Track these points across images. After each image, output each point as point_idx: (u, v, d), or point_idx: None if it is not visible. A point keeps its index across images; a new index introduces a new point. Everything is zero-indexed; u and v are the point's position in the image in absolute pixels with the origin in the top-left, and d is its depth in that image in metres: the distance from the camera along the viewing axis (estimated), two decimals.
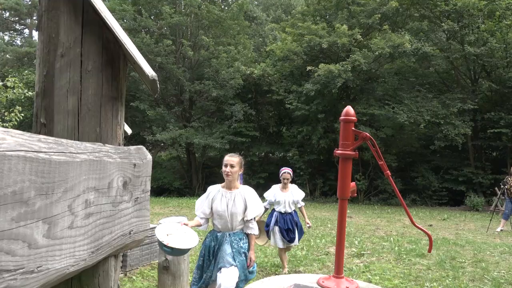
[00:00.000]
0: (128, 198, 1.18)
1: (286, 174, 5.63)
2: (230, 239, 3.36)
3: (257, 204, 3.45)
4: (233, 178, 3.40)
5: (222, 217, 3.36)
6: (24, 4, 27.18)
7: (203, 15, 18.58)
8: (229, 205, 3.37)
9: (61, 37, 1.06)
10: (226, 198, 3.39)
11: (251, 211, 3.39)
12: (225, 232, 3.40)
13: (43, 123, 1.08)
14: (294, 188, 5.70)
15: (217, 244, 3.40)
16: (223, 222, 3.38)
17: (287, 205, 5.56)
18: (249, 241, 3.45)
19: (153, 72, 1.12)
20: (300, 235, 5.70)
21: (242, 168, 3.54)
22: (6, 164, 0.63)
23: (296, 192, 5.68)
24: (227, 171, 3.37)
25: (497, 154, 18.84)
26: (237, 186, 3.47)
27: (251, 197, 3.45)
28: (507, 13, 15.55)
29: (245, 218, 3.40)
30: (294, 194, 5.63)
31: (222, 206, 3.37)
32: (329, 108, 17.11)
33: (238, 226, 3.41)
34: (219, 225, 3.43)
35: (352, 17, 17.61)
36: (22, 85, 8.49)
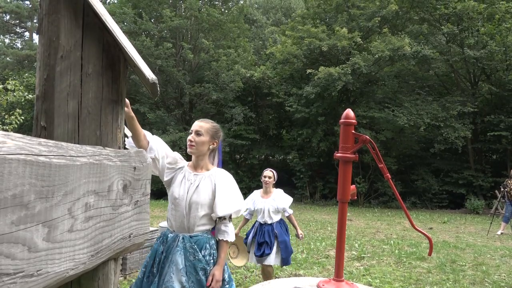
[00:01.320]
0: (128, 201, 1.18)
1: (267, 178, 4.60)
2: (184, 245, 2.24)
3: (233, 196, 2.33)
4: (198, 152, 2.36)
5: (178, 207, 2.29)
6: (25, 7, 27.25)
7: (203, 18, 18.62)
8: (189, 191, 2.29)
9: (61, 41, 1.06)
10: (188, 181, 2.32)
11: (223, 204, 2.27)
12: (179, 233, 2.29)
13: (43, 126, 1.08)
14: (277, 194, 4.64)
15: (165, 250, 2.28)
16: (178, 216, 2.28)
17: (267, 214, 4.52)
18: (219, 251, 2.31)
19: (153, 75, 1.13)
20: (285, 254, 4.46)
21: (218, 141, 2.45)
22: (6, 168, 0.63)
23: (280, 198, 4.59)
24: (189, 140, 2.36)
25: (497, 157, 18.85)
26: (207, 167, 2.40)
27: (226, 184, 2.33)
28: (507, 16, 15.59)
29: (213, 215, 2.30)
30: (277, 200, 4.55)
31: (180, 190, 2.30)
32: (329, 111, 17.12)
33: (199, 225, 2.29)
34: (172, 220, 2.33)
35: (352, 20, 17.66)
36: (22, 88, 8.51)
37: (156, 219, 9.72)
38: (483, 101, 17.38)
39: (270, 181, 4.64)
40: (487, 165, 17.31)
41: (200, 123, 2.38)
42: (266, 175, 4.64)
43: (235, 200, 2.33)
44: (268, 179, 4.63)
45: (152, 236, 5.10)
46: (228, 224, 2.34)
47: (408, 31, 17.21)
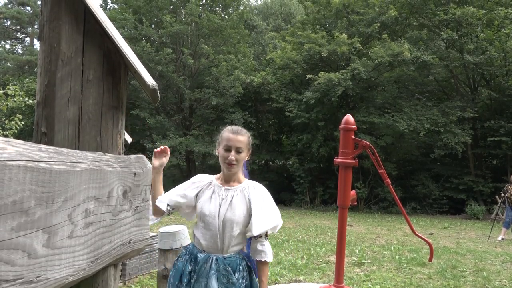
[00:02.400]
0: (128, 207, 1.18)
1: None
2: (218, 267, 1.99)
3: (270, 211, 2.10)
4: (238, 169, 2.11)
5: (210, 226, 2.01)
6: (26, 13, 27.37)
7: (203, 24, 18.69)
8: (222, 208, 2.03)
9: (62, 47, 1.07)
10: (219, 196, 2.06)
11: (259, 222, 2.03)
12: (212, 254, 2.03)
13: (43, 132, 1.08)
14: None
15: (196, 271, 2.02)
16: (210, 235, 2.02)
17: None
18: (259, 274, 2.08)
19: (154, 81, 1.13)
20: None
21: (250, 151, 2.20)
22: (6, 174, 0.64)
23: None
24: (231, 160, 2.03)
25: (497, 162, 18.84)
26: (239, 180, 2.14)
27: (261, 199, 2.10)
28: (506, 22, 15.65)
29: (248, 233, 2.05)
30: None
31: (211, 207, 2.03)
32: (329, 116, 17.14)
33: (233, 246, 2.05)
34: (202, 239, 2.04)
35: (351, 26, 17.72)
36: (22, 94, 8.52)
37: (156, 225, 9.70)
38: (483, 107, 17.40)
39: None
40: (487, 171, 17.30)
41: (238, 138, 2.04)
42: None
43: (272, 215, 2.10)
44: None
45: (152, 242, 5.08)
46: (265, 243, 2.08)
47: (408, 37, 17.27)
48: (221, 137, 2.07)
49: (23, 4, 27.95)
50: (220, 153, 2.05)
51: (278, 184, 19.26)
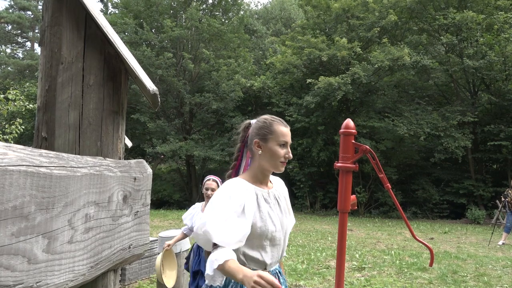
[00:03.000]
0: (128, 212, 1.18)
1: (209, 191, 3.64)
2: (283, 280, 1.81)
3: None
4: None
5: (277, 240, 1.71)
6: (27, 17, 27.47)
7: (203, 29, 18.74)
8: (278, 215, 1.75)
9: (63, 52, 1.07)
10: (268, 203, 1.73)
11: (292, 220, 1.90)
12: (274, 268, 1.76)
13: (44, 137, 1.08)
14: None
15: None
16: (277, 251, 1.73)
17: None
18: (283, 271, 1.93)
19: (154, 86, 1.13)
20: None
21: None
22: (7, 179, 0.64)
23: None
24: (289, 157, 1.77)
25: (498, 166, 18.82)
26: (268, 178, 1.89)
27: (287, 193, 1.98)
28: (505, 27, 15.68)
29: None
30: None
31: (275, 220, 1.72)
32: (329, 120, 17.15)
33: None
34: (269, 258, 1.70)
35: (351, 30, 17.77)
36: (23, 98, 8.53)
37: (155, 229, 9.68)
38: (483, 111, 17.41)
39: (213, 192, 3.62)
40: (487, 175, 17.28)
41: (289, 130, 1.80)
42: (208, 187, 3.66)
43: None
44: (211, 192, 3.63)
45: (151, 247, 5.07)
46: None
47: (408, 41, 17.31)
48: (269, 131, 1.73)
49: (24, 9, 28.05)
50: (272, 149, 1.70)
51: None
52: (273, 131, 1.73)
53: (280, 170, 1.75)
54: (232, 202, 1.58)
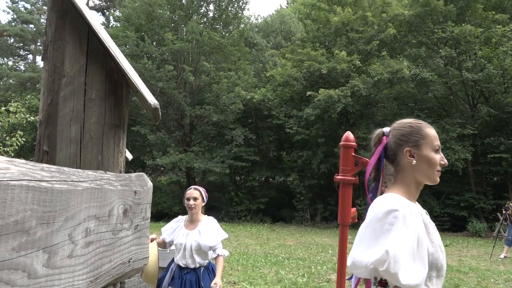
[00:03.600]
0: (128, 225, 1.18)
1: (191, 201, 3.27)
2: None
3: None
4: None
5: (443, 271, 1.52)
6: (29, 30, 27.70)
7: (204, 42, 18.90)
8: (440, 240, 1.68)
9: (66, 67, 1.08)
10: (430, 224, 1.66)
11: None
12: None
13: (45, 151, 1.09)
14: (207, 224, 3.27)
15: None
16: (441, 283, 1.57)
17: (188, 254, 3.16)
18: None
19: (155, 100, 1.14)
20: None
21: None
22: (9, 194, 0.64)
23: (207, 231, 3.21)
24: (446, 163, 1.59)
25: (498, 179, 18.79)
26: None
27: None
28: (503, 40, 15.82)
29: None
30: (202, 234, 3.19)
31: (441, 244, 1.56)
32: (329, 132, 17.18)
33: None
34: None
35: (350, 43, 17.92)
36: (24, 110, 8.56)
37: None
38: (483, 123, 17.45)
39: (198, 204, 3.27)
40: (488, 187, 17.24)
41: None
42: (190, 196, 3.28)
43: None
44: (193, 201, 3.25)
45: None
46: None
47: (407, 54, 17.44)
48: (421, 135, 1.47)
49: (27, 22, 28.32)
50: (428, 156, 1.45)
51: (279, 201, 19.17)
52: (426, 135, 1.47)
53: (437, 181, 1.51)
54: (412, 230, 1.29)
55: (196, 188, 3.41)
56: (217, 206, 19.03)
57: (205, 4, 20.87)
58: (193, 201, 3.29)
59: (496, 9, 17.17)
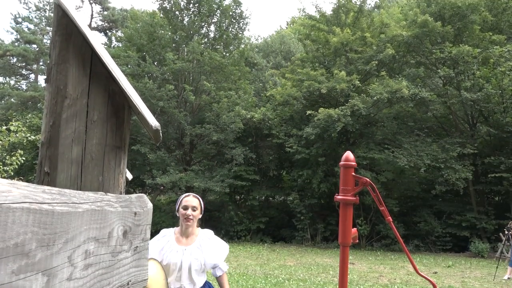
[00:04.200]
0: (128, 247, 1.17)
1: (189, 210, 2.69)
2: None
3: None
4: None
5: None
6: (32, 50, 28.03)
7: (205, 61, 19.10)
8: None
9: (69, 89, 1.10)
10: None
11: None
12: None
13: (46, 172, 1.09)
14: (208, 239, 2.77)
15: None
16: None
17: (186, 275, 2.63)
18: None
19: (157, 122, 1.15)
20: None
21: None
22: (10, 217, 0.64)
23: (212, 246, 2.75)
24: None
25: (500, 198, 18.70)
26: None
27: None
28: (501, 60, 15.99)
29: None
30: (206, 251, 2.70)
31: None
32: (329, 152, 17.19)
33: None
34: None
35: (350, 63, 18.11)
36: (25, 129, 8.59)
37: None
38: (483, 143, 17.47)
39: (196, 215, 2.71)
40: (489, 207, 17.14)
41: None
42: (188, 205, 2.68)
43: None
44: (191, 211, 2.67)
45: None
46: None
47: (405, 74, 17.60)
48: None
49: (30, 42, 28.69)
50: None
51: (279, 221, 19.03)
52: None
53: None
54: None
55: (196, 196, 2.80)
56: (216, 226, 18.88)
57: (206, 25, 21.18)
58: (192, 211, 2.69)
59: (493, 30, 17.42)
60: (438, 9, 17.22)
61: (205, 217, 19.97)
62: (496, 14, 17.69)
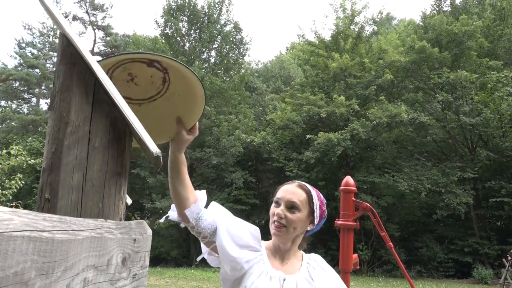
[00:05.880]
0: (126, 275, 1.16)
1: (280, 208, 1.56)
2: None
3: None
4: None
5: None
6: (34, 75, 28.36)
7: (205, 86, 19.28)
8: None
9: (71, 116, 1.11)
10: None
11: None
12: None
13: (47, 198, 1.09)
14: (317, 266, 1.67)
15: None
16: None
17: None
18: None
19: (157, 149, 1.16)
20: None
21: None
22: (11, 245, 0.64)
23: (327, 279, 1.59)
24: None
25: (502, 223, 18.53)
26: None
27: None
28: (499, 86, 16.17)
29: None
30: (319, 285, 1.53)
31: None
32: (329, 175, 17.16)
33: None
34: None
35: (349, 88, 18.30)
36: (25, 153, 8.60)
37: None
38: (483, 167, 17.46)
39: (294, 220, 1.58)
40: (491, 232, 16.97)
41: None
42: (283, 197, 1.61)
43: None
44: (286, 212, 1.58)
45: None
46: None
47: (404, 99, 17.76)
48: None
49: (33, 67, 29.06)
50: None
51: None
52: None
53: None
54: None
55: (302, 186, 1.62)
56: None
57: (207, 51, 21.51)
58: (287, 212, 1.57)
59: (490, 56, 17.69)
60: (435, 35, 17.54)
61: None
62: (492, 40, 18.00)
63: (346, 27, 19.68)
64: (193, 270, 15.13)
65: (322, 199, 1.68)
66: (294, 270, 1.64)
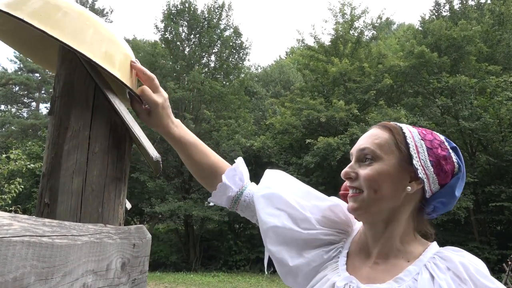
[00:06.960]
0: (126, 280, 1.16)
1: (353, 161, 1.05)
2: None
3: None
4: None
5: None
6: (34, 79, 28.40)
7: (205, 91, 19.33)
8: None
9: (71, 121, 1.12)
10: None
11: None
12: None
13: (46, 203, 1.09)
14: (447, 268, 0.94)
15: None
16: None
17: None
18: None
19: (157, 154, 1.17)
20: None
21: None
22: (10, 250, 0.64)
23: None
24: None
25: (502, 228, 18.51)
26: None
27: None
28: (498, 90, 16.21)
29: None
30: None
31: None
32: (329, 180, 17.14)
33: None
34: None
35: (348, 93, 18.33)
36: (25, 158, 8.60)
37: None
38: (482, 172, 17.45)
39: (371, 176, 0.96)
40: (492, 237, 16.94)
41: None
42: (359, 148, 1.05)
43: None
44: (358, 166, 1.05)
45: None
46: None
47: (404, 103, 17.80)
48: None
49: (33, 71, 29.10)
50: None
51: None
52: None
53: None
54: None
55: (385, 125, 1.08)
56: (215, 255, 18.60)
57: (207, 55, 21.57)
58: (358, 168, 1.07)
59: (489, 61, 17.74)
60: (434, 40, 17.60)
61: (204, 247, 19.70)
62: (491, 45, 18.06)
63: (345, 32, 19.75)
64: (192, 275, 15.08)
65: (435, 138, 1.04)
66: (386, 276, 0.96)
